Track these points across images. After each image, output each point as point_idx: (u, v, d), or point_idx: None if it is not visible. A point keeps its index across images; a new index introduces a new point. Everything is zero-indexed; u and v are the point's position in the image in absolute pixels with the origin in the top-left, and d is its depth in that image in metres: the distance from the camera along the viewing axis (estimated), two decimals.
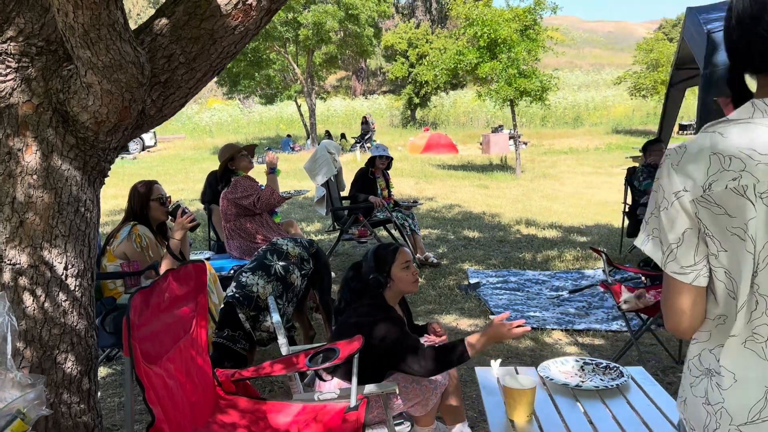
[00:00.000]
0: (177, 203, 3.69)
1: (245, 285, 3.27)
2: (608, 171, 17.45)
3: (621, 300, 3.50)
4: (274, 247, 3.48)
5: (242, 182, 4.58)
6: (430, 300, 5.17)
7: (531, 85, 14.98)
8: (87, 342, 2.18)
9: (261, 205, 4.56)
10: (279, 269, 3.38)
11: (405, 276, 2.69)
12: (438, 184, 13.15)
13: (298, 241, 3.59)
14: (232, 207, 4.58)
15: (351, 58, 34.34)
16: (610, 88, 38.92)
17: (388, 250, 2.73)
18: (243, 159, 4.70)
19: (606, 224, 8.77)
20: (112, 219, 8.95)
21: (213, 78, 2.43)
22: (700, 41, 4.51)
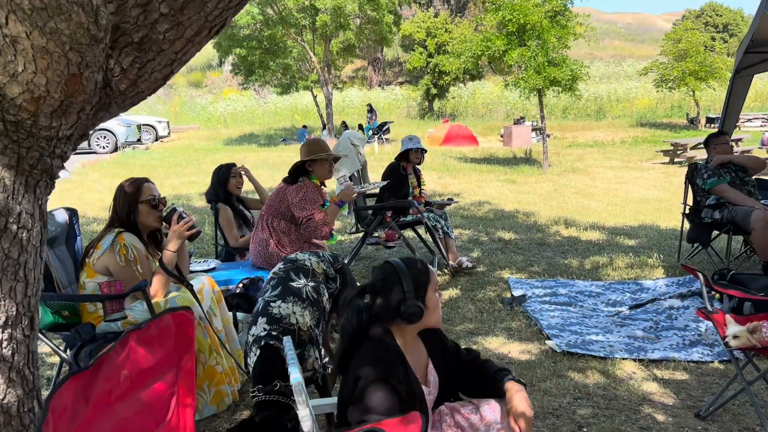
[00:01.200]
0: (172, 206, 3.00)
1: (280, 318, 2.56)
2: (638, 165, 16.65)
3: (728, 334, 2.76)
4: (296, 264, 2.78)
5: (309, 190, 3.95)
6: (469, 317, 4.45)
7: (561, 73, 14.16)
8: (21, 420, 1.49)
9: (306, 230, 3.91)
10: (310, 291, 2.69)
11: (437, 302, 2.09)
12: (463, 179, 12.40)
13: (320, 255, 2.89)
14: (283, 206, 3.92)
15: (368, 47, 33.54)
16: (633, 80, 37.87)
17: (420, 266, 2.07)
18: (325, 165, 4.09)
19: (652, 225, 8.00)
20: None
21: (209, 39, 1.72)
22: None
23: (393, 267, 2.04)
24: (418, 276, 2.03)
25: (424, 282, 2.03)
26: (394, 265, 2.05)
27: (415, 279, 2.02)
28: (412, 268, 2.05)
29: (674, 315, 4.48)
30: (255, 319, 2.58)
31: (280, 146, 21.13)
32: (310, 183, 3.99)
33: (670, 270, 5.61)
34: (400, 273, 2.02)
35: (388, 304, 2.00)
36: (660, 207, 9.71)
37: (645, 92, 34.54)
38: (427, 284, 2.04)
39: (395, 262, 2.07)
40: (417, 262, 2.09)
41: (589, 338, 3.99)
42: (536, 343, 3.95)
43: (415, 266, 2.06)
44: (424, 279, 2.04)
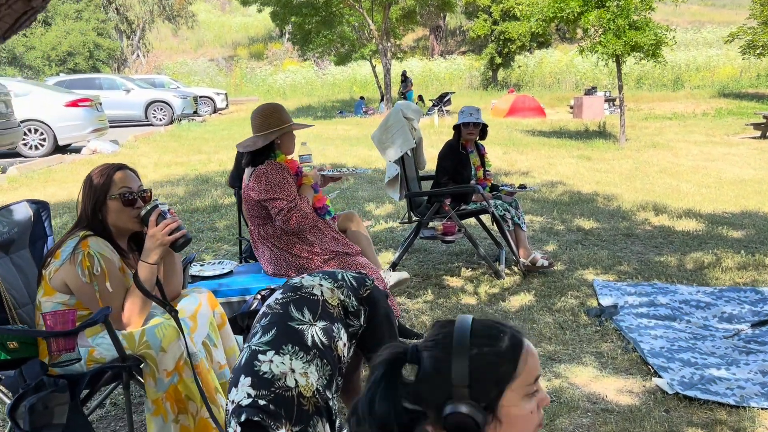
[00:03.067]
0: (155, 202, 2.24)
1: (272, 379, 1.73)
2: (725, 140, 15.08)
3: None
4: (300, 294, 1.92)
5: (272, 173, 3.09)
6: (547, 334, 3.57)
7: (644, 38, 12.74)
8: None
9: (286, 225, 3.06)
10: (319, 336, 1.83)
11: (528, 417, 1.13)
12: (531, 155, 11.31)
13: (339, 278, 2.02)
14: (257, 207, 3.11)
15: (430, 14, 32.22)
16: (714, 47, 35.17)
17: (501, 343, 1.13)
18: (289, 138, 3.21)
19: (757, 212, 6.82)
20: (161, 192, 7.77)
21: None
22: None
23: (450, 334, 1.17)
24: (487, 361, 1.11)
25: (502, 375, 1.11)
26: (455, 328, 1.18)
27: (481, 365, 1.10)
28: (483, 342, 1.12)
29: None
30: (236, 378, 1.77)
31: (336, 119, 20.43)
32: (270, 164, 3.11)
33: None
34: (455, 348, 1.13)
35: (431, 397, 1.16)
36: (761, 189, 8.43)
37: (728, 60, 32.07)
38: (508, 380, 1.11)
39: (461, 323, 1.18)
40: (500, 333, 1.15)
41: (710, 373, 3.04)
42: (638, 378, 3.04)
43: (490, 340, 1.13)
44: (501, 370, 1.11)
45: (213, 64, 39.65)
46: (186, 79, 33.45)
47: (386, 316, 2.06)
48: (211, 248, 5.33)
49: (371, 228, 5.98)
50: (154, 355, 2.11)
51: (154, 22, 42.00)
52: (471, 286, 4.36)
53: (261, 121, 3.17)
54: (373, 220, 6.30)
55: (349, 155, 11.04)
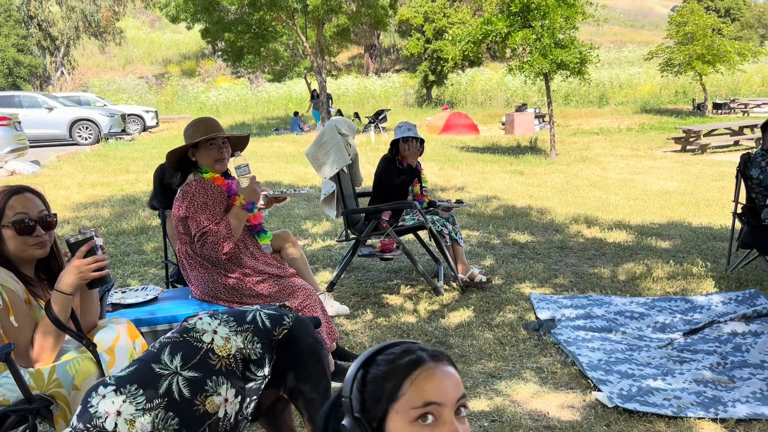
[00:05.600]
0: (90, 233, 2.03)
1: (92, 414, 1.57)
2: (649, 154, 15.76)
3: None
4: (185, 336, 1.73)
5: (197, 192, 2.89)
6: (487, 351, 3.53)
7: (569, 56, 13.18)
8: None
9: (203, 248, 2.87)
10: (179, 386, 1.65)
11: None
12: (466, 170, 11.44)
13: (249, 318, 1.81)
14: (183, 223, 2.94)
15: (364, 33, 32.44)
16: (635, 66, 36.93)
17: (398, 361, 1.08)
18: (210, 150, 2.96)
19: (682, 222, 7.09)
20: (85, 214, 7.38)
21: None
22: None
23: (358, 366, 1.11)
24: (377, 377, 1.06)
25: (387, 393, 1.04)
26: (358, 363, 1.12)
27: (370, 380, 1.06)
28: (384, 359, 1.08)
29: (743, 345, 3.56)
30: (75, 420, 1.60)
31: (271, 136, 20.15)
32: (195, 182, 2.91)
33: (722, 281, 4.70)
34: (355, 363, 1.10)
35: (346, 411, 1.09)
36: (685, 200, 8.79)
37: (648, 78, 33.72)
38: (391, 399, 1.04)
39: (379, 344, 1.14)
40: (405, 353, 1.09)
41: (647, 384, 3.06)
42: (579, 392, 3.02)
43: (391, 357, 1.08)
44: (386, 387, 1.05)
45: (143, 82, 38.52)
46: (114, 97, 32.33)
47: (312, 352, 1.89)
48: (137, 272, 5.06)
49: (308, 247, 5.84)
50: (66, 394, 1.92)
51: (79, 39, 40.50)
52: (410, 303, 4.29)
53: (184, 138, 3.01)
54: (309, 239, 6.16)
55: (285, 173, 10.87)
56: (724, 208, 7.64)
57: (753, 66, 29.99)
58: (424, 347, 1.10)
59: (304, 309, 3.01)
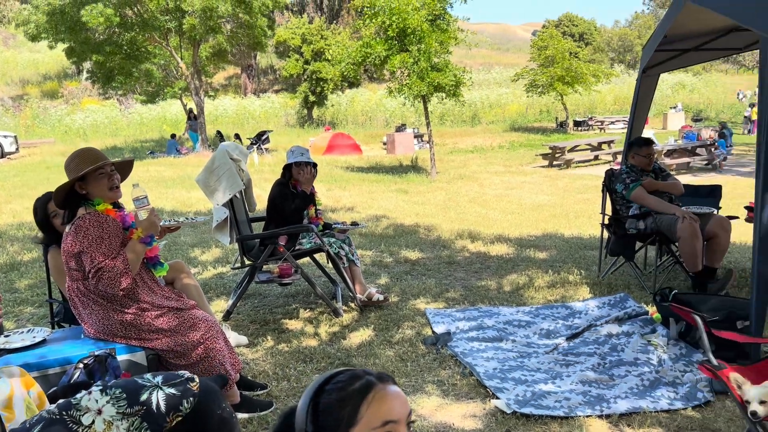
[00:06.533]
0: None
1: None
2: (521, 170, 16.82)
3: (748, 400, 2.12)
4: (63, 415, 1.62)
5: (91, 226, 2.74)
6: (389, 368, 3.62)
7: (445, 79, 13.84)
8: None
9: (99, 285, 2.74)
10: None
11: None
12: (353, 190, 11.62)
13: (143, 399, 1.68)
14: (76, 259, 2.79)
15: (241, 53, 32.02)
16: (503, 87, 39.24)
17: (349, 388, 1.15)
18: (101, 180, 2.85)
19: (555, 234, 7.64)
20: None
21: None
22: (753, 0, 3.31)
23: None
24: (330, 406, 1.11)
25: (344, 418, 1.10)
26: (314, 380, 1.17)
27: (324, 410, 1.11)
28: (333, 388, 1.13)
29: (618, 345, 3.91)
30: None
31: (147, 160, 19.30)
32: (89, 215, 2.78)
33: (596, 287, 5.13)
34: (303, 396, 1.15)
35: None
36: (556, 213, 9.48)
37: (515, 98, 35.88)
38: (351, 423, 1.10)
39: (321, 375, 1.18)
40: (352, 379, 1.15)
41: (539, 389, 3.29)
42: (479, 401, 3.19)
43: (339, 385, 1.14)
44: (342, 413, 1.10)
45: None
46: None
47: (221, 422, 1.81)
48: (11, 312, 4.68)
49: (199, 276, 5.68)
50: None
51: None
52: (311, 327, 4.31)
53: (67, 173, 2.86)
54: (200, 267, 5.99)
55: (167, 198, 10.47)
56: (591, 219, 8.32)
57: (606, 86, 32.88)
58: (368, 371, 1.16)
59: (207, 341, 2.95)
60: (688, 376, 3.38)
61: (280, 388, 3.37)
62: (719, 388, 3.14)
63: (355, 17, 35.06)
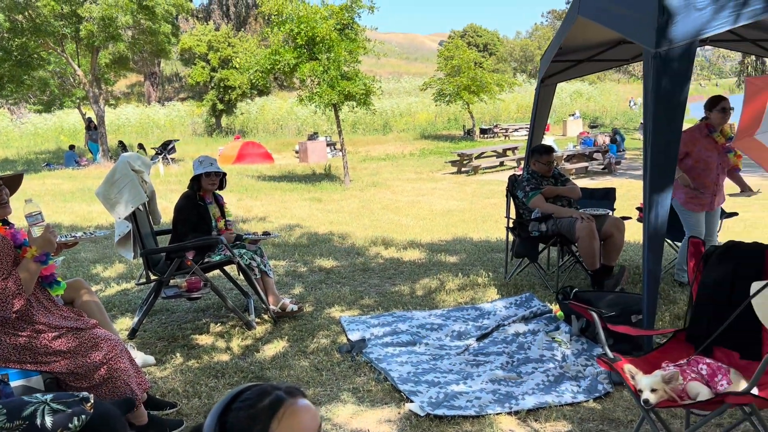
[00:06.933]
0: None
1: None
2: (431, 177, 17.16)
3: (640, 389, 2.27)
4: None
5: None
6: (305, 378, 3.60)
7: (355, 88, 13.93)
8: None
9: None
10: None
11: None
12: (265, 200, 11.45)
13: (27, 409, 1.59)
14: None
15: (144, 61, 30.85)
16: (412, 95, 39.98)
17: (258, 404, 1.12)
18: None
19: (465, 238, 7.86)
20: None
21: None
22: (636, 15, 3.56)
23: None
24: (240, 424, 1.09)
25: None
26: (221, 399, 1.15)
27: (233, 428, 1.09)
28: (241, 406, 1.11)
29: (525, 344, 4.07)
30: None
31: (43, 172, 18.20)
32: None
33: (503, 288, 5.31)
34: (209, 415, 1.12)
35: None
36: (465, 218, 9.75)
37: (424, 106, 36.60)
38: None
39: (227, 394, 1.16)
40: (262, 395, 1.12)
41: (451, 390, 3.37)
42: (393, 406, 3.22)
43: (248, 403, 1.11)
44: (253, 431, 1.09)
45: None
46: None
47: None
48: None
49: (101, 293, 5.41)
50: None
51: None
52: (222, 341, 4.20)
53: None
54: (102, 284, 5.71)
55: (65, 212, 9.92)
56: (497, 223, 8.61)
57: (509, 95, 34.19)
58: (276, 386, 1.15)
59: (110, 361, 2.82)
60: (590, 370, 3.57)
61: (190, 405, 3.27)
62: (617, 380, 3.33)
63: (263, 25, 34.73)
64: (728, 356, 2.61)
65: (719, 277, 2.69)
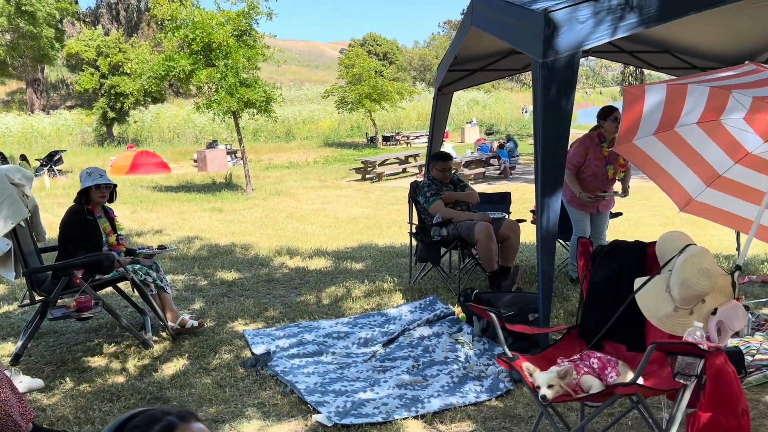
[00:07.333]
0: None
1: None
2: (336, 184, 17.16)
3: (538, 385, 2.36)
4: None
5: None
6: (207, 396, 3.47)
7: (255, 95, 13.69)
8: None
9: None
10: None
11: None
12: (161, 212, 11.00)
13: None
14: None
15: (25, 66, 28.83)
16: (314, 103, 39.88)
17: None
18: None
19: (370, 244, 7.91)
20: None
21: None
22: (524, 27, 3.73)
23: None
24: None
25: None
26: None
27: None
28: None
29: (430, 347, 4.14)
30: None
31: None
32: None
33: (408, 293, 5.39)
34: None
35: None
36: (370, 224, 9.81)
37: (327, 114, 36.58)
38: None
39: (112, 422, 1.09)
40: (150, 423, 1.06)
41: (359, 398, 3.37)
42: (300, 419, 3.17)
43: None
44: None
45: None
46: None
47: None
48: None
49: None
50: None
51: None
52: (117, 362, 3.98)
53: None
54: None
55: None
56: (402, 229, 8.73)
57: (410, 103, 34.84)
58: (166, 410, 1.09)
59: None
60: (491, 369, 3.68)
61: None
62: (518, 377, 3.45)
63: (156, 30, 33.47)
64: (616, 349, 2.77)
65: (605, 275, 2.86)
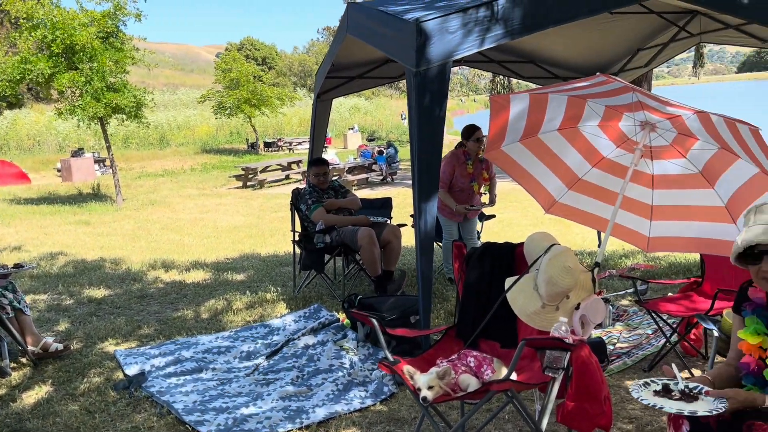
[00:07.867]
0: None
1: None
2: (215, 192, 16.67)
3: (419, 387, 2.40)
4: None
5: None
6: (75, 425, 3.21)
7: (124, 100, 12.97)
8: None
9: None
10: None
11: None
12: (20, 226, 10.10)
13: None
14: None
15: None
16: (190, 108, 38.48)
17: None
18: None
19: (252, 254, 7.74)
20: None
21: None
22: (397, 36, 3.79)
23: None
24: None
25: None
26: None
27: None
28: None
29: (315, 355, 4.11)
30: None
31: None
32: None
33: (292, 302, 5.32)
34: None
35: None
36: (252, 233, 9.60)
37: (204, 120, 35.42)
38: None
39: None
40: None
41: (241, 413, 3.27)
42: None
43: None
44: None
45: None
46: None
47: None
48: None
49: None
50: None
51: None
52: None
53: None
54: None
55: None
56: (285, 237, 8.61)
57: (291, 109, 34.55)
58: None
59: None
60: (376, 374, 3.71)
61: None
62: (400, 380, 3.50)
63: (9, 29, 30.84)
64: (491, 347, 2.89)
65: (479, 275, 2.98)
